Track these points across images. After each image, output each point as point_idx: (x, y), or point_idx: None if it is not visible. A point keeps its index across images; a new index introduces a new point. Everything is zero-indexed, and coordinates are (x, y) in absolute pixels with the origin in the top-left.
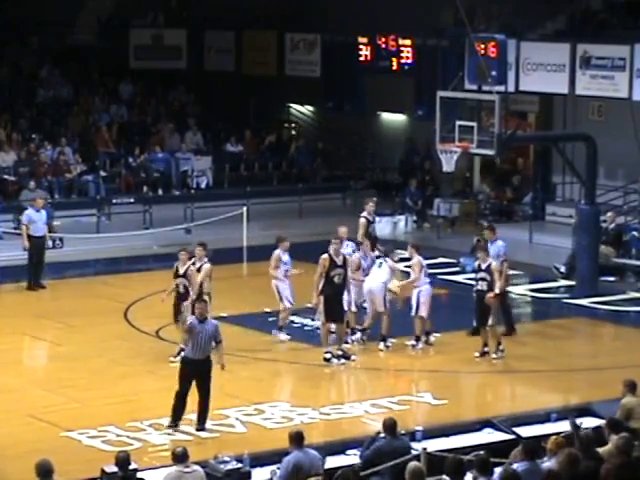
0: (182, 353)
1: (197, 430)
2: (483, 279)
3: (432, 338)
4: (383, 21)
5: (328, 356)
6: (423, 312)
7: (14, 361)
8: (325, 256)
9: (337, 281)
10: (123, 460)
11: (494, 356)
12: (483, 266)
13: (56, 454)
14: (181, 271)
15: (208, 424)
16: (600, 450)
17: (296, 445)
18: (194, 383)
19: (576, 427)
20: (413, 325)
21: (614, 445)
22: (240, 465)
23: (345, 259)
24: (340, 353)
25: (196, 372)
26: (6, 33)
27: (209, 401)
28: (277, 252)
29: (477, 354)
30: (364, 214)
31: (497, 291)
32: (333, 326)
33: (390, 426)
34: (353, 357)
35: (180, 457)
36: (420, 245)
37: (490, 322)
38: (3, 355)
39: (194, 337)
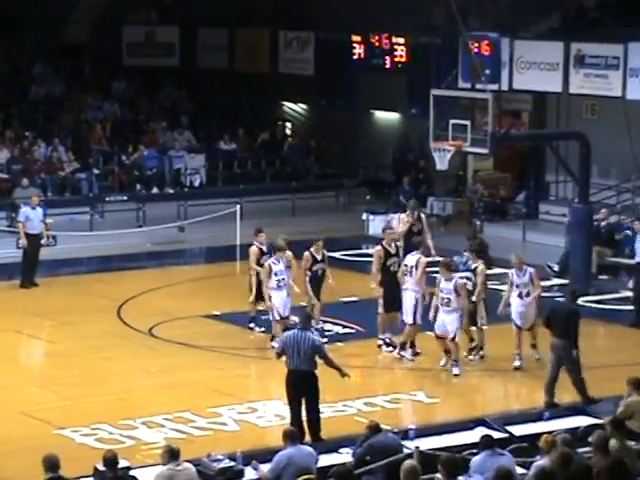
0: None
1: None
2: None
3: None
4: (377, 19)
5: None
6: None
7: (7, 358)
8: (379, 247)
9: (393, 269)
10: (111, 459)
11: (470, 357)
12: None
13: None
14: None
15: (202, 422)
16: None
17: (290, 441)
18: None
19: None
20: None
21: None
22: (233, 463)
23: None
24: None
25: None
26: None
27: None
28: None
29: (464, 353)
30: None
31: (474, 298)
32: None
33: (373, 428)
34: (397, 352)
35: (171, 455)
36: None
37: (478, 323)
38: None
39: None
